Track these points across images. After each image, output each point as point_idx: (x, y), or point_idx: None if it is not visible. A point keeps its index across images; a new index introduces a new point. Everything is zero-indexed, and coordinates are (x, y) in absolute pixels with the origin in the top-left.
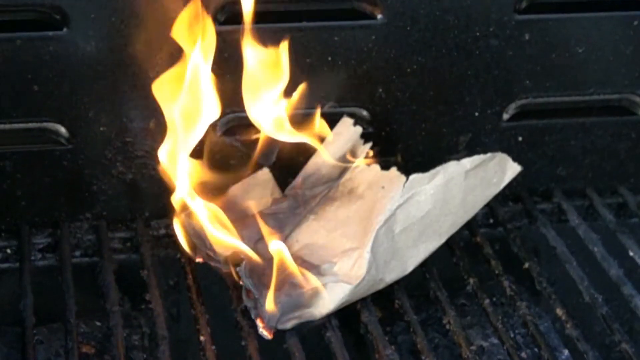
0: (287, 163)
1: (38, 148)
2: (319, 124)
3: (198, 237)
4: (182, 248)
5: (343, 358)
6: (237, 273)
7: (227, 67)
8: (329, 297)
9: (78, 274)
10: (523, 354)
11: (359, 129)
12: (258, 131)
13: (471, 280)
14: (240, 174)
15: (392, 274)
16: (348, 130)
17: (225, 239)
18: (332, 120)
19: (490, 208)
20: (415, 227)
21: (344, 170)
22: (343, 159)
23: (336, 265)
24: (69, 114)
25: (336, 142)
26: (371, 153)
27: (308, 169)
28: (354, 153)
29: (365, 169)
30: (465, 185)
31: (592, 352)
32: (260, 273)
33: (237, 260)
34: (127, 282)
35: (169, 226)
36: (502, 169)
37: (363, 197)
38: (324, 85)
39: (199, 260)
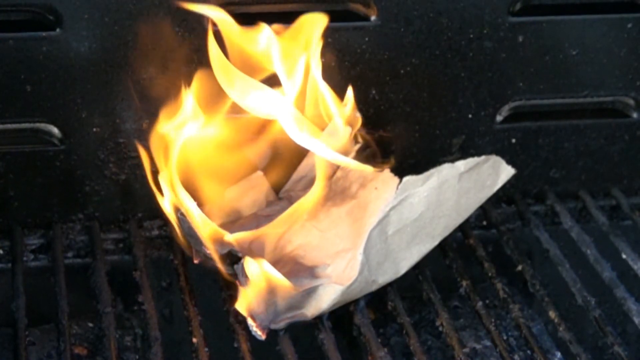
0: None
1: (31, 148)
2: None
3: (192, 236)
4: (175, 248)
5: None
6: (233, 271)
7: None
8: (321, 298)
9: (70, 275)
10: (516, 357)
11: (349, 129)
12: None
13: (464, 283)
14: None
15: (385, 276)
16: (339, 130)
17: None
18: None
19: (484, 210)
20: (409, 229)
21: (336, 171)
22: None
23: (329, 266)
24: (61, 115)
25: (328, 142)
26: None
27: (301, 170)
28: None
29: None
30: (459, 187)
31: (584, 354)
32: None
33: (233, 258)
34: (119, 283)
35: (162, 227)
36: (496, 172)
37: (356, 197)
38: None
39: (196, 261)
